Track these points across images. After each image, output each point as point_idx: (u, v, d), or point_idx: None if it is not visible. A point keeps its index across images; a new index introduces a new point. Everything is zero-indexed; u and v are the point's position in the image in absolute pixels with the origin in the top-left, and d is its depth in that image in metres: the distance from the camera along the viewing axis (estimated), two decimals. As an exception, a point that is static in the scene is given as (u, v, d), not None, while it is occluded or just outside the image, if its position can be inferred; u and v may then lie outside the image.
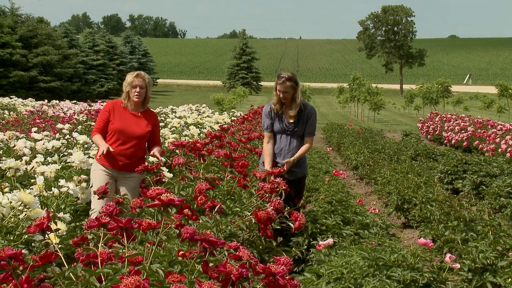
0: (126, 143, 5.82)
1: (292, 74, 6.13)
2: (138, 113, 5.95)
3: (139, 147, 5.90)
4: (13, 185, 6.07)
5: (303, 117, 6.15)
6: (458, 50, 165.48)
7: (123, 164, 5.78)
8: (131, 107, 5.95)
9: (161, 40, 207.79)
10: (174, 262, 3.02)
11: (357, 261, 4.18)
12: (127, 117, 5.90)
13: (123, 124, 5.84)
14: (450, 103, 41.75)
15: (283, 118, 6.18)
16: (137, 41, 77.13)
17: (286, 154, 6.17)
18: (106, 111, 5.92)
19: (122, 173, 5.83)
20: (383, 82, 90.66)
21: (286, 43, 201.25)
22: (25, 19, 48.93)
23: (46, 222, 2.88)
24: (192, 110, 23.53)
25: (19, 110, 21.60)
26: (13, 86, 41.74)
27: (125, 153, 5.80)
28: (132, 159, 5.81)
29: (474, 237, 5.75)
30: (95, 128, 5.89)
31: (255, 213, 3.95)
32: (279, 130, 6.21)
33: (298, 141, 6.20)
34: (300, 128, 6.16)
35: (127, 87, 5.90)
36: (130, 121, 5.88)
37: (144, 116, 6.00)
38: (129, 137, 5.83)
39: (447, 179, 11.32)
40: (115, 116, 5.87)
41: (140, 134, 5.87)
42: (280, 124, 6.18)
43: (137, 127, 5.87)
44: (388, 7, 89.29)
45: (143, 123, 5.93)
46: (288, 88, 6.02)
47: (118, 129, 5.81)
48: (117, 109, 5.93)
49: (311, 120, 6.19)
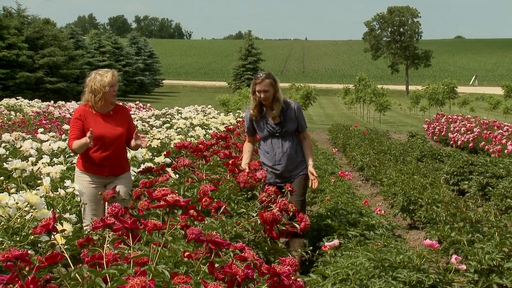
0: (108, 148, 5.56)
1: (268, 72, 5.89)
2: (109, 113, 5.65)
3: (121, 148, 5.69)
4: (19, 186, 6.08)
5: (289, 115, 5.82)
6: (464, 51, 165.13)
7: (110, 169, 5.57)
8: (102, 109, 5.61)
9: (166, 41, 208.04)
10: (179, 263, 3.02)
11: (362, 262, 4.17)
12: (100, 120, 5.58)
13: (100, 129, 5.50)
14: (456, 104, 41.64)
15: (268, 120, 5.85)
16: (143, 42, 77.25)
17: (281, 158, 5.83)
18: (78, 119, 5.56)
19: (110, 178, 5.62)
20: (389, 83, 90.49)
21: (292, 44, 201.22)
22: (31, 20, 49.07)
23: (52, 223, 2.89)
24: (198, 111, 23.56)
25: (25, 111, 21.65)
26: (19, 87, 41.86)
27: (110, 157, 5.56)
28: (117, 162, 5.63)
29: (480, 239, 5.74)
30: (71, 137, 5.54)
31: (261, 214, 3.95)
32: (267, 134, 5.89)
33: (290, 141, 5.87)
34: (289, 126, 5.82)
35: (105, 88, 5.49)
36: (105, 124, 5.57)
37: (116, 113, 5.70)
38: (110, 140, 5.56)
39: (453, 180, 11.30)
40: (89, 123, 5.52)
41: (119, 134, 5.62)
42: (266, 127, 5.86)
43: (113, 129, 5.59)
44: (394, 8, 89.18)
45: (118, 121, 5.66)
46: (268, 86, 5.71)
47: (97, 136, 5.46)
48: (88, 115, 5.57)
49: (299, 115, 5.88)
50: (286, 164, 5.83)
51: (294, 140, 5.89)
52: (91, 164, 5.55)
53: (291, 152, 5.84)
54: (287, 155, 5.83)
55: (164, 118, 19.39)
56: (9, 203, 4.31)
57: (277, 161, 5.83)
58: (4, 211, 4.31)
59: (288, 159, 5.83)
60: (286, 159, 5.82)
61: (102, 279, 2.62)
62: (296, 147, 5.90)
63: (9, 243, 3.82)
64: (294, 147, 5.87)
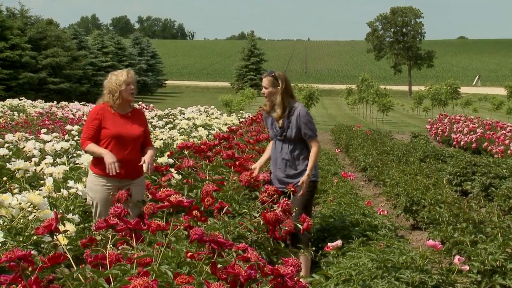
0: (124, 149, 5.40)
1: (279, 72, 5.74)
2: (127, 114, 5.54)
3: (137, 151, 5.51)
4: (22, 186, 6.09)
5: (291, 121, 5.63)
6: (467, 51, 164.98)
7: (125, 171, 5.34)
8: (121, 109, 5.51)
9: (169, 41, 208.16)
10: (182, 264, 3.02)
11: (365, 262, 4.17)
12: (119, 120, 5.47)
13: (118, 128, 5.41)
14: (459, 104, 41.62)
15: (275, 122, 5.74)
16: (146, 42, 77.28)
17: (281, 161, 5.67)
18: (96, 119, 5.44)
19: (125, 181, 5.41)
20: (392, 83, 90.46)
21: (295, 44, 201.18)
22: (34, 21, 49.12)
23: (54, 224, 2.90)
24: (200, 111, 23.56)
25: (28, 111, 21.68)
26: (22, 87, 41.89)
27: (125, 159, 5.37)
28: (133, 164, 5.42)
29: (483, 239, 5.73)
30: (85, 137, 5.42)
31: (264, 214, 3.94)
32: (272, 135, 5.82)
33: (291, 147, 5.66)
34: (289, 132, 5.63)
35: (121, 86, 5.43)
36: (123, 124, 5.46)
37: (135, 115, 5.60)
38: (127, 141, 5.42)
39: (456, 181, 11.29)
40: (107, 122, 5.42)
41: (136, 135, 5.48)
42: (272, 129, 5.77)
43: (132, 129, 5.47)
44: (397, 8, 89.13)
45: (136, 123, 5.54)
46: (266, 83, 5.66)
47: (115, 135, 5.37)
48: (107, 113, 5.46)
49: (302, 121, 5.62)
50: (285, 170, 5.67)
51: (299, 147, 5.68)
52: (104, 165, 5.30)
53: (292, 158, 5.65)
54: (287, 160, 5.66)
55: (167, 119, 19.40)
56: (12, 204, 4.32)
57: (278, 165, 5.71)
58: (7, 212, 4.32)
59: (287, 165, 5.66)
60: (284, 164, 5.66)
61: (105, 280, 2.62)
62: (300, 154, 5.67)
63: (12, 244, 3.83)
64: (297, 154, 5.67)
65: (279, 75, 5.68)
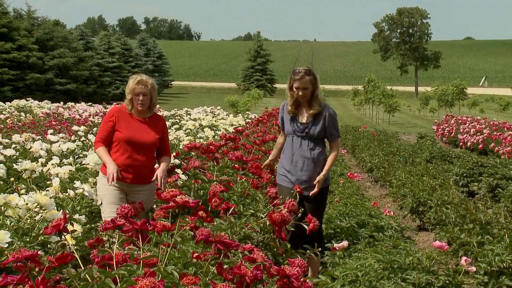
0: (135, 154, 5.28)
1: (308, 68, 5.39)
2: (145, 119, 5.40)
3: (149, 157, 5.37)
4: (29, 187, 6.11)
5: (318, 118, 5.31)
6: (474, 52, 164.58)
7: (133, 176, 5.25)
8: (137, 113, 5.39)
9: (176, 42, 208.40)
10: (188, 264, 3.03)
11: (372, 263, 4.17)
12: (133, 124, 5.36)
13: (130, 132, 5.30)
14: (466, 105, 41.51)
15: (297, 118, 5.38)
16: (152, 43, 77.39)
17: (298, 160, 5.31)
18: (110, 121, 5.36)
19: (133, 186, 5.29)
20: (398, 84, 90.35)
21: (301, 45, 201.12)
22: (41, 22, 49.26)
23: (62, 224, 2.90)
24: (206, 112, 23.59)
25: (35, 112, 21.75)
26: (29, 88, 42.01)
27: (135, 164, 5.26)
28: (143, 170, 5.29)
29: (490, 240, 5.72)
30: (98, 138, 5.35)
31: (270, 215, 3.94)
32: (289, 131, 5.41)
33: (311, 144, 5.32)
34: (313, 130, 5.30)
35: (129, 95, 5.33)
36: (138, 129, 5.34)
37: (152, 122, 5.44)
38: (138, 147, 5.29)
39: (462, 182, 11.26)
40: (121, 124, 5.33)
41: (149, 142, 5.34)
42: (292, 124, 5.39)
43: (145, 135, 5.33)
44: (403, 9, 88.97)
45: (152, 129, 5.39)
46: (307, 83, 5.23)
47: (126, 139, 5.27)
48: (122, 116, 5.38)
49: (331, 121, 5.34)
50: (301, 169, 5.30)
51: (318, 147, 5.36)
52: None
53: (310, 157, 5.31)
54: (306, 158, 5.30)
55: (173, 119, 19.43)
56: (19, 204, 4.34)
57: (293, 163, 5.34)
58: (14, 212, 4.34)
59: (305, 163, 5.31)
60: (302, 162, 5.30)
61: (112, 280, 2.63)
62: (319, 154, 5.34)
63: (19, 244, 3.84)
64: (316, 153, 5.33)
65: (312, 70, 5.40)
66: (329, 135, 5.39)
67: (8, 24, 42.25)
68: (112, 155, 5.29)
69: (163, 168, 5.35)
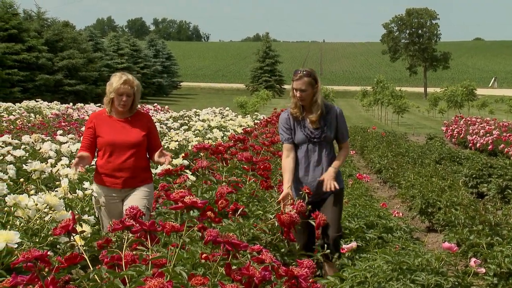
0: (121, 156, 5.04)
1: (310, 69, 5.16)
2: (126, 119, 5.14)
3: (138, 157, 5.10)
4: (39, 188, 6.13)
5: (329, 120, 5.11)
6: (483, 53, 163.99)
7: (124, 180, 5.04)
8: (117, 114, 5.14)
9: (184, 43, 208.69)
10: (197, 265, 3.03)
11: (380, 265, 4.16)
12: (115, 126, 5.10)
13: (112, 135, 5.05)
14: (475, 106, 41.37)
15: (306, 123, 5.13)
16: (161, 44, 77.55)
17: (316, 167, 5.08)
18: (90, 127, 5.15)
19: (126, 190, 5.10)
20: (407, 85, 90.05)
21: (309, 46, 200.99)
22: (51, 23, 49.45)
23: (71, 224, 2.91)
24: (215, 113, 23.62)
25: (44, 113, 21.83)
26: (39, 89, 42.18)
27: (122, 166, 5.04)
28: (133, 172, 5.07)
29: (499, 242, 5.70)
30: (81, 146, 5.20)
31: (278, 216, 3.94)
32: (303, 139, 5.12)
33: (328, 149, 5.14)
34: (329, 133, 5.10)
35: (112, 94, 5.03)
36: (119, 130, 5.09)
37: (135, 120, 5.17)
38: (123, 148, 5.05)
39: (472, 183, 11.22)
40: (101, 129, 5.10)
41: (134, 142, 5.07)
42: (303, 131, 5.12)
43: (128, 135, 5.08)
44: (413, 9, 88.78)
45: (136, 128, 5.12)
46: (305, 85, 5.02)
47: (109, 142, 5.05)
48: (102, 120, 5.14)
49: (340, 122, 5.17)
50: (320, 175, 5.07)
51: (331, 150, 5.20)
52: (103, 175, 5.10)
53: (327, 163, 5.10)
54: (322, 165, 5.09)
55: (182, 120, 19.46)
56: (29, 205, 4.35)
57: (311, 171, 5.10)
58: (24, 213, 4.35)
59: (324, 169, 5.08)
60: (321, 170, 5.08)
61: (121, 281, 2.63)
62: (333, 158, 5.16)
63: (29, 244, 3.85)
64: (332, 156, 5.16)
65: (313, 72, 5.14)
66: (340, 135, 5.21)
67: (18, 26, 42.48)
68: (99, 163, 5.13)
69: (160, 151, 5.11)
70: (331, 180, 4.97)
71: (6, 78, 39.41)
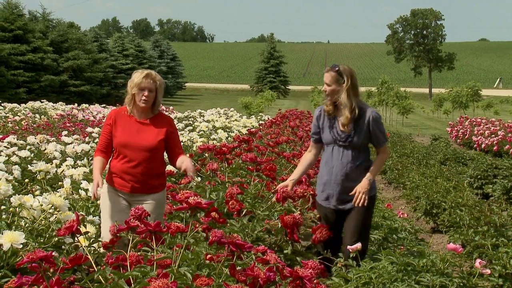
0: (133, 160, 4.78)
1: (344, 66, 4.88)
2: (146, 120, 4.87)
3: (151, 163, 4.82)
4: (44, 188, 6.14)
5: (361, 125, 4.82)
6: (488, 53, 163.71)
7: (132, 185, 4.77)
8: (138, 114, 4.88)
9: (189, 44, 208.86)
10: (202, 265, 3.03)
11: (385, 265, 4.15)
12: (131, 126, 4.85)
13: (127, 136, 4.81)
14: (480, 107, 41.28)
15: (336, 123, 4.87)
16: (166, 45, 77.52)
17: (340, 172, 4.81)
18: (108, 124, 4.91)
19: (134, 196, 4.81)
20: (412, 86, 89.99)
21: (314, 47, 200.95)
22: (56, 24, 49.49)
23: (76, 225, 2.92)
24: (220, 114, 23.61)
25: (49, 114, 21.88)
26: (44, 90, 42.22)
27: (133, 172, 4.78)
28: (143, 178, 4.78)
29: (504, 243, 5.68)
30: (98, 146, 4.94)
31: (281, 217, 3.95)
32: (330, 140, 4.88)
33: (354, 154, 4.84)
34: (357, 138, 4.81)
35: (134, 89, 4.82)
36: (136, 132, 4.83)
37: (154, 123, 4.89)
38: (136, 152, 4.78)
39: (476, 184, 11.20)
40: (118, 128, 4.86)
41: (149, 146, 4.80)
42: (331, 131, 4.87)
43: (144, 138, 4.81)
44: (417, 10, 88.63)
45: (153, 131, 4.84)
46: (330, 79, 4.80)
47: (122, 143, 4.80)
48: (120, 118, 4.89)
49: (375, 125, 4.86)
50: (342, 182, 4.82)
51: (362, 155, 4.90)
52: (114, 175, 4.85)
53: (354, 168, 4.83)
54: (347, 170, 4.82)
55: (187, 121, 19.46)
56: (34, 205, 4.36)
57: (333, 175, 4.85)
58: (29, 213, 4.36)
59: (348, 176, 4.81)
60: (345, 175, 4.81)
61: (125, 281, 2.64)
62: (364, 163, 4.88)
63: (34, 245, 3.86)
64: (360, 163, 4.86)
65: (344, 70, 4.84)
66: (375, 141, 4.91)
67: (23, 27, 42.53)
68: (112, 162, 4.90)
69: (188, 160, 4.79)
70: (362, 194, 4.72)
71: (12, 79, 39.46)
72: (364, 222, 4.82)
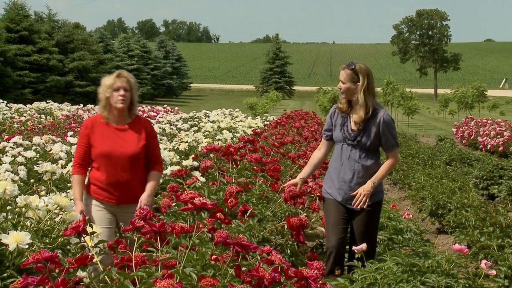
0: (118, 170, 4.56)
1: (360, 65, 4.84)
2: (124, 126, 4.64)
3: (135, 170, 4.62)
4: (49, 189, 6.15)
5: (371, 126, 4.75)
6: (494, 54, 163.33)
7: (119, 196, 4.57)
8: (115, 120, 4.64)
9: (194, 44, 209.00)
10: (207, 266, 3.04)
11: (390, 266, 4.15)
12: (110, 135, 4.60)
13: (107, 145, 4.57)
14: (486, 107, 41.17)
15: (347, 123, 4.82)
16: (171, 46, 77.58)
17: (347, 171, 4.76)
18: (85, 134, 4.64)
19: (121, 207, 4.61)
20: (417, 86, 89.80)
21: (320, 47, 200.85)
22: (61, 24, 49.62)
23: (82, 225, 2.93)
24: (225, 114, 23.61)
25: (55, 114, 21.91)
26: (49, 90, 42.31)
27: (119, 182, 4.56)
28: (130, 187, 4.59)
29: (510, 244, 5.68)
30: (75, 162, 4.68)
31: (288, 219, 3.94)
32: (339, 138, 4.85)
33: (362, 154, 4.77)
34: (365, 138, 4.74)
35: (107, 92, 4.55)
36: (116, 140, 4.59)
37: (133, 127, 4.66)
38: (119, 161, 4.55)
39: (482, 185, 11.18)
40: (96, 137, 4.60)
41: (131, 153, 4.58)
42: (342, 129, 4.83)
43: (126, 146, 4.58)
44: (423, 11, 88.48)
45: (134, 137, 4.62)
46: (345, 77, 4.77)
47: (103, 154, 4.55)
48: (97, 127, 4.64)
49: (386, 128, 4.76)
50: (350, 182, 4.77)
51: (371, 156, 4.82)
52: (97, 187, 4.63)
53: (361, 169, 4.77)
54: (355, 170, 4.76)
55: (192, 122, 19.48)
56: (39, 206, 4.37)
57: (341, 175, 4.81)
58: (35, 213, 4.37)
59: (354, 175, 4.76)
60: (352, 174, 4.76)
61: (131, 281, 2.64)
62: (372, 165, 4.80)
63: (39, 245, 3.87)
64: (368, 164, 4.79)
65: (361, 68, 4.78)
66: (384, 144, 4.81)
67: (29, 27, 42.63)
68: (93, 174, 4.66)
69: (148, 193, 4.57)
70: (363, 197, 4.65)
71: (17, 80, 39.55)
72: (371, 226, 4.80)
